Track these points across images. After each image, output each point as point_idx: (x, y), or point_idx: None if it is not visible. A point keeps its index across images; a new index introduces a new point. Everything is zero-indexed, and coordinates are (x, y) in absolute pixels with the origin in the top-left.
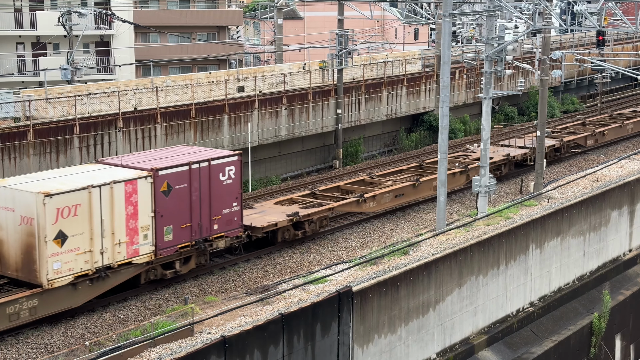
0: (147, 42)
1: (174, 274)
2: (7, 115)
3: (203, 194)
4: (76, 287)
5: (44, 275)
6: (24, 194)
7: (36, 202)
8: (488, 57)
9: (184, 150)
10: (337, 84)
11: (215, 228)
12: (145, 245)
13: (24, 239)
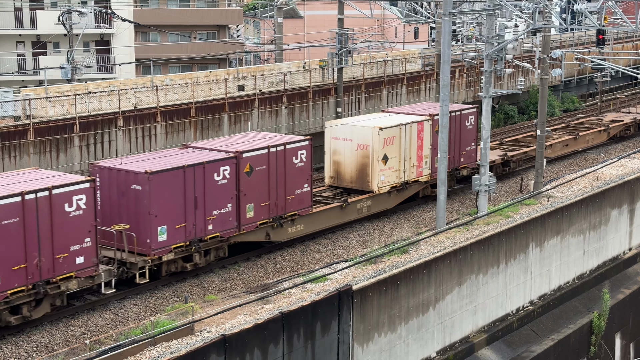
0: (147, 41)
1: None
2: (8, 114)
3: None
4: (390, 194)
5: (375, 184)
6: (361, 128)
7: (372, 134)
8: (488, 55)
9: None
10: (337, 83)
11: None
12: (426, 169)
13: (359, 160)
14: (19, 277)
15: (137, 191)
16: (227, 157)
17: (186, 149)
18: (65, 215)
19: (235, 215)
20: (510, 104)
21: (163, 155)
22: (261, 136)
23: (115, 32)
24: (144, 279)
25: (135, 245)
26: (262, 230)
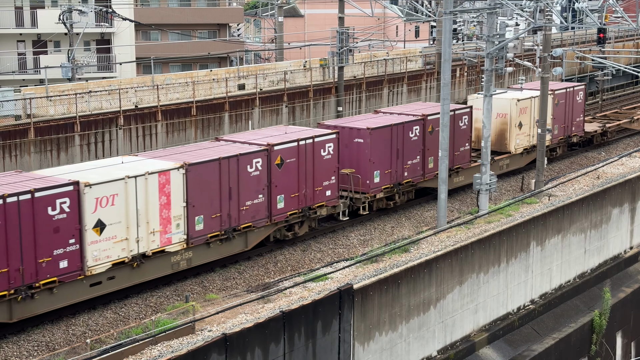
0: (147, 39)
1: None
2: (8, 113)
3: None
4: (522, 155)
5: (512, 146)
6: (502, 100)
7: (511, 104)
8: (489, 54)
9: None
10: (338, 82)
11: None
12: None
13: (498, 126)
14: (294, 203)
15: (360, 144)
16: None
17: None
18: (320, 158)
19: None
20: None
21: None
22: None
23: (116, 31)
24: (365, 211)
25: (360, 186)
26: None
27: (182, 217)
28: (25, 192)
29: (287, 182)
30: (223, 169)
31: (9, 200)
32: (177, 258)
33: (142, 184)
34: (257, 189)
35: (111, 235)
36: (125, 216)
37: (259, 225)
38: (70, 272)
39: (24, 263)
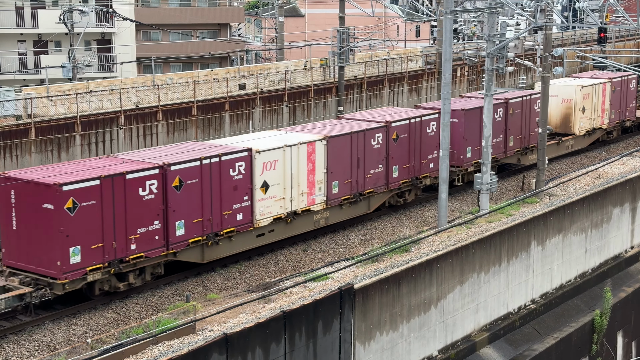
0: (148, 39)
1: None
2: (9, 113)
3: None
4: (584, 137)
5: (576, 128)
6: (567, 87)
7: (575, 91)
8: (489, 54)
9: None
10: (339, 82)
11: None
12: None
13: (563, 111)
14: (405, 173)
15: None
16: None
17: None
18: (426, 135)
19: None
20: None
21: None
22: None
23: (117, 30)
24: (460, 182)
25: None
26: None
27: (323, 181)
28: (215, 156)
29: (401, 155)
30: (353, 141)
31: (204, 162)
32: (318, 217)
33: (295, 153)
34: (378, 160)
35: (273, 194)
36: (283, 179)
37: (379, 191)
38: (243, 224)
39: (213, 215)
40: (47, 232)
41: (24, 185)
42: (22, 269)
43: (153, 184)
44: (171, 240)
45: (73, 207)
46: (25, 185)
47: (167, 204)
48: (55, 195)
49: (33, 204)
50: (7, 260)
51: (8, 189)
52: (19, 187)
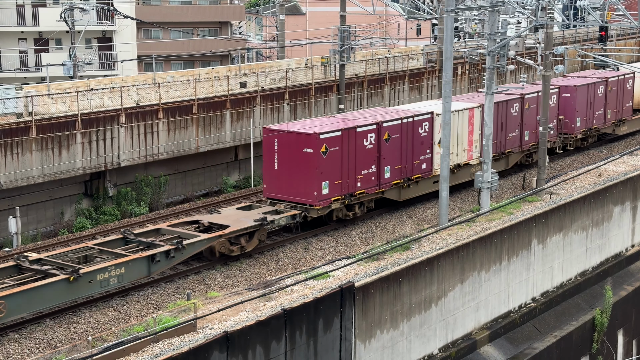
0: (149, 37)
1: None
2: (10, 111)
3: None
4: None
5: None
6: None
7: None
8: (490, 52)
9: None
10: (340, 80)
11: None
12: None
13: None
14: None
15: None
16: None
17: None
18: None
19: None
20: None
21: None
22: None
23: (118, 28)
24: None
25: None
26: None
27: (477, 141)
28: (410, 117)
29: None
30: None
31: (404, 122)
32: (473, 170)
33: (461, 117)
34: (515, 125)
35: None
36: (452, 138)
37: (515, 151)
38: (426, 172)
39: (407, 163)
40: (307, 170)
41: (287, 135)
42: (281, 200)
43: (372, 136)
44: (381, 181)
45: (325, 152)
46: (288, 135)
47: (380, 152)
48: (315, 142)
49: (295, 149)
50: (268, 193)
51: (272, 139)
52: (282, 136)
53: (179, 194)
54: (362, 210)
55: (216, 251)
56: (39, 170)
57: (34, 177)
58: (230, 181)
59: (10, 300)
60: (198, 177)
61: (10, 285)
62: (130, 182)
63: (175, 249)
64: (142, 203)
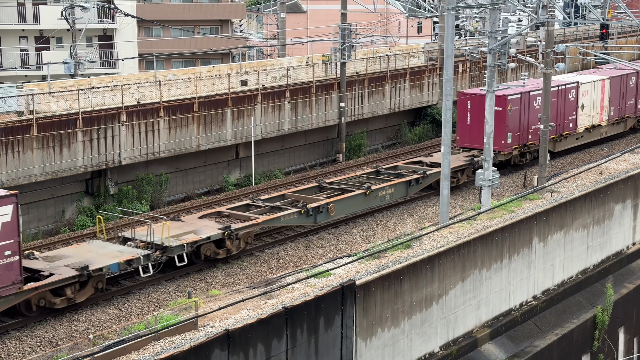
0: (150, 35)
1: None
2: (11, 109)
3: None
4: None
5: None
6: None
7: None
8: (491, 50)
9: None
10: (340, 78)
11: None
12: None
13: None
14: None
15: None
16: None
17: None
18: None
19: None
20: None
21: None
22: None
23: (118, 27)
24: None
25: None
26: None
27: (606, 107)
28: (563, 85)
29: None
30: (622, 82)
31: (560, 88)
32: (602, 130)
33: (596, 86)
34: (631, 95)
35: (585, 112)
36: (590, 103)
37: (631, 116)
38: (571, 130)
39: (560, 121)
40: (497, 124)
41: (479, 97)
42: (473, 148)
43: (539, 99)
44: None
45: (510, 109)
46: (480, 97)
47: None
48: (504, 102)
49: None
50: (461, 144)
51: (466, 100)
52: (475, 97)
53: (179, 192)
54: (530, 158)
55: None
56: (40, 168)
57: (35, 175)
58: (231, 179)
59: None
60: (199, 175)
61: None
62: (131, 181)
63: (423, 177)
64: (142, 201)
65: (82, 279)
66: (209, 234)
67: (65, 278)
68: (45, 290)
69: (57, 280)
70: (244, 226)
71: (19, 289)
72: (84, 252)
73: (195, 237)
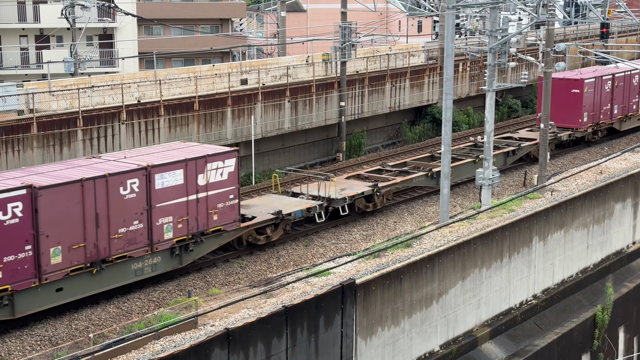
0: (150, 34)
1: None
2: (11, 108)
3: None
4: None
5: None
6: None
7: None
8: (492, 49)
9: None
10: (341, 77)
11: None
12: None
13: None
14: None
15: None
16: None
17: None
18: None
19: None
20: (514, 98)
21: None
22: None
23: (119, 25)
24: None
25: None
26: None
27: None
28: (628, 71)
29: None
30: None
31: (625, 74)
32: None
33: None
34: None
35: None
36: None
37: None
38: (635, 111)
39: (625, 103)
40: (574, 104)
41: (558, 80)
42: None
43: (609, 83)
44: (612, 115)
45: (586, 92)
46: (559, 80)
47: (613, 95)
48: (580, 85)
49: (566, 90)
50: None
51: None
52: (555, 81)
53: None
54: (601, 135)
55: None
56: None
57: None
58: None
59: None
60: None
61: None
62: None
63: (518, 148)
64: None
65: (277, 222)
66: (362, 190)
67: (267, 219)
68: (252, 228)
69: (261, 221)
70: (387, 185)
71: (238, 226)
72: (269, 202)
73: (352, 192)
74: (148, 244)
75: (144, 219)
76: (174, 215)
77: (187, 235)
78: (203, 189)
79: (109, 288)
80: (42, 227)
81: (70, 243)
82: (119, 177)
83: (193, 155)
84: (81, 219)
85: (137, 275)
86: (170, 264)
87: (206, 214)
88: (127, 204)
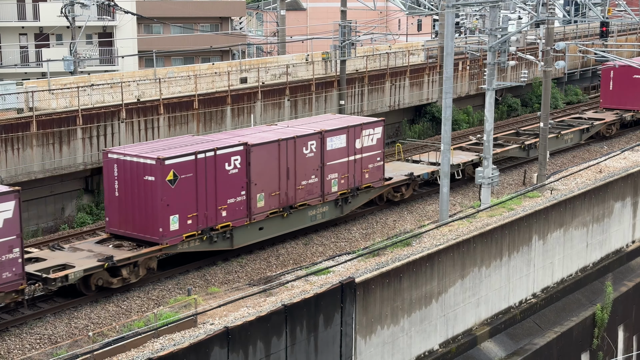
0: (150, 33)
1: None
2: (10, 107)
3: None
4: None
5: None
6: None
7: None
8: (491, 48)
9: None
10: (340, 75)
11: None
12: None
13: None
14: None
15: None
16: None
17: None
18: None
19: None
20: (514, 97)
21: None
22: None
23: (118, 24)
24: None
25: None
26: None
27: None
28: None
29: None
30: None
31: None
32: None
33: None
34: None
35: None
36: None
37: None
38: None
39: None
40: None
41: (619, 68)
42: (614, 108)
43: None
44: None
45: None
46: (620, 68)
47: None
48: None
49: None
50: (604, 105)
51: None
52: (616, 69)
53: None
54: (634, 125)
55: (601, 132)
56: (39, 165)
57: (34, 172)
58: None
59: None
60: None
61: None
62: None
63: (591, 126)
64: None
65: (409, 182)
66: (471, 158)
67: (402, 180)
68: (391, 187)
69: (399, 181)
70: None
71: (382, 184)
72: (398, 167)
73: (464, 159)
74: (321, 195)
75: (318, 174)
76: (338, 172)
77: (347, 189)
78: (359, 152)
79: (293, 229)
80: (252, 176)
81: (270, 191)
82: (303, 139)
83: (353, 123)
84: (277, 172)
85: (312, 220)
86: (335, 213)
87: (360, 172)
88: (307, 161)
